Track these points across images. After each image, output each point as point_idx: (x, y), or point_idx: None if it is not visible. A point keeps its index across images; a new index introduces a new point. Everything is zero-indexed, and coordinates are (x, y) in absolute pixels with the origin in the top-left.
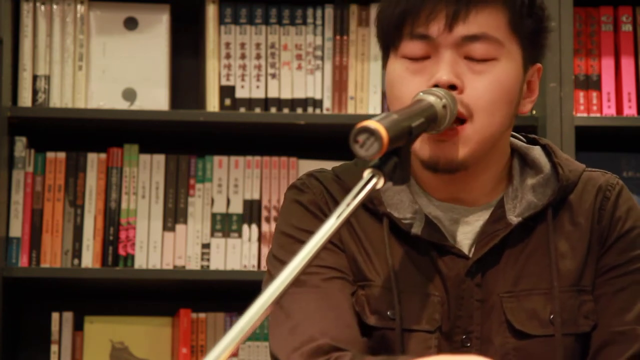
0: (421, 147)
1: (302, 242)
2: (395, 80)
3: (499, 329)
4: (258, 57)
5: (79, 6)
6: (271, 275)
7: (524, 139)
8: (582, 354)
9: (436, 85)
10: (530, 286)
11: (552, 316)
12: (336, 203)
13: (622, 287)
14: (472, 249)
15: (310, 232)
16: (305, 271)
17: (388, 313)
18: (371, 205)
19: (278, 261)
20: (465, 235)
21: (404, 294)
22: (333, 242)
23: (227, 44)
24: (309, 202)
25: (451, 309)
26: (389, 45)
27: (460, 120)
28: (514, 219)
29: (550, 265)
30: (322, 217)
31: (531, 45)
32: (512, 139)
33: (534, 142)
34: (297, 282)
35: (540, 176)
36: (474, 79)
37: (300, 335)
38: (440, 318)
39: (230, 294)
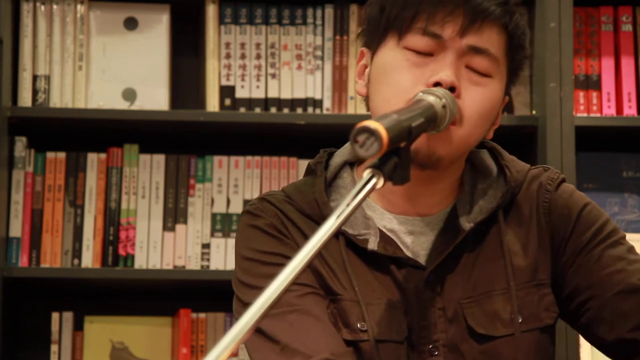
0: None
1: (267, 264)
2: (393, 68)
3: (463, 336)
4: (258, 57)
5: (79, 6)
6: (240, 301)
7: None
8: (549, 343)
9: (437, 83)
10: (488, 288)
11: (512, 315)
12: (292, 223)
13: (598, 257)
14: (429, 259)
15: (274, 254)
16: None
17: (358, 325)
18: None
19: (245, 286)
20: (421, 245)
21: (370, 306)
22: None
23: (227, 44)
24: (267, 225)
25: (414, 319)
26: (389, 30)
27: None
28: (466, 224)
29: (505, 266)
30: (281, 237)
31: (513, 74)
32: None
33: (480, 145)
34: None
35: (490, 179)
36: (471, 88)
37: (293, 356)
38: (407, 328)
39: (230, 294)
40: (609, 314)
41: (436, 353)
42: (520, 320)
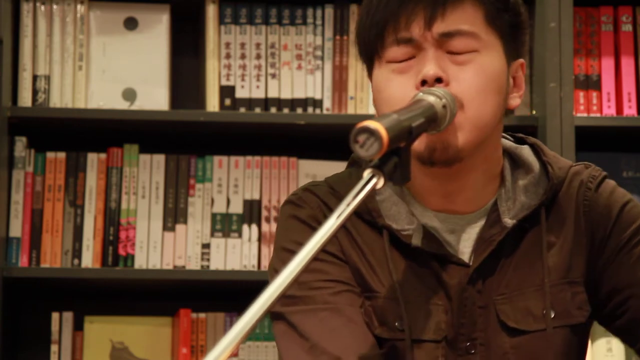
0: (418, 141)
1: None
2: (383, 84)
3: (495, 331)
4: (258, 57)
5: (79, 6)
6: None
7: (511, 138)
8: (580, 344)
9: (424, 81)
10: (522, 284)
11: (544, 311)
12: None
13: (639, 255)
14: (472, 257)
15: None
16: (313, 286)
17: (396, 324)
18: (369, 218)
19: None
20: (463, 243)
21: (409, 305)
22: (335, 255)
23: (227, 44)
24: (308, 217)
25: (455, 317)
26: (373, 54)
27: None
28: (508, 221)
29: (543, 263)
30: None
31: (510, 39)
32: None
33: (521, 141)
34: (306, 299)
35: (531, 176)
36: (459, 70)
37: (321, 355)
38: (445, 327)
39: (230, 294)
40: None
41: (473, 351)
42: (552, 316)
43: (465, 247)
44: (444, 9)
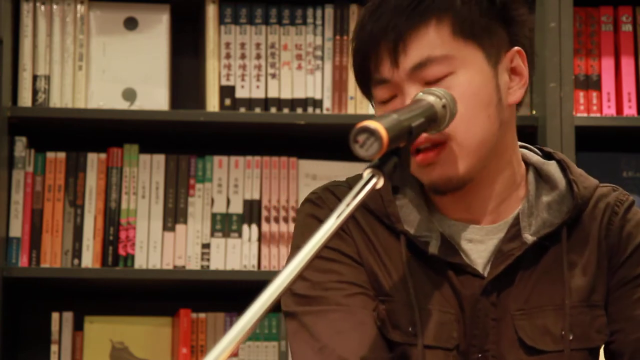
0: (419, 174)
1: (321, 258)
2: None
3: (512, 347)
4: (258, 57)
5: (79, 6)
6: (289, 290)
7: (539, 153)
8: None
9: None
10: (542, 303)
11: (563, 332)
12: (353, 217)
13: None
14: (487, 268)
15: (330, 248)
16: (326, 287)
17: (409, 329)
18: (388, 222)
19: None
20: (480, 254)
21: (422, 311)
22: (351, 257)
23: (227, 44)
24: (326, 217)
25: (467, 327)
26: (367, 94)
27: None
28: (529, 237)
29: (563, 283)
30: (339, 232)
31: (495, 37)
32: (527, 152)
33: (549, 156)
34: (319, 299)
35: (556, 193)
36: None
37: (329, 356)
38: (458, 336)
39: (230, 294)
40: (630, 352)
41: None
42: (571, 338)
43: (480, 257)
44: (404, 43)
